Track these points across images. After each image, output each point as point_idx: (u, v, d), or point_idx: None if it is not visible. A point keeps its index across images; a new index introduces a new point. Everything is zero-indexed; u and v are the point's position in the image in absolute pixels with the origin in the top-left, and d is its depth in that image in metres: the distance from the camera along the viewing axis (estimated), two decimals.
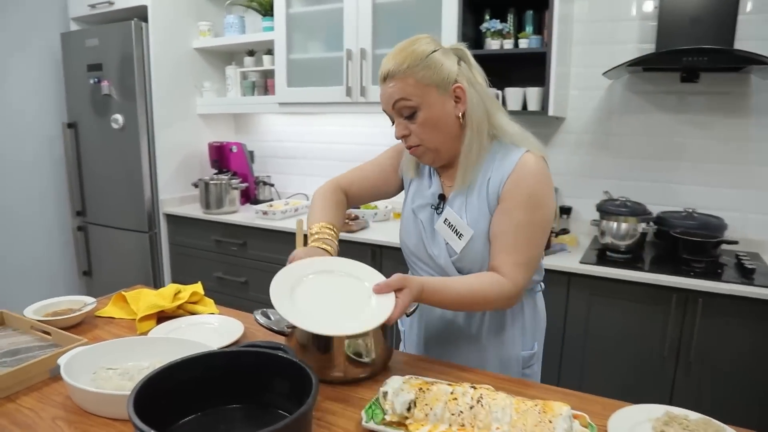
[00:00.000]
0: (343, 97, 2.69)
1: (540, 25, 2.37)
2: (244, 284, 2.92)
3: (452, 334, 1.32)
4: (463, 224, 1.21)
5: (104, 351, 1.09)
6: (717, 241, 2.05)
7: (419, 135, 1.17)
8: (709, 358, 1.93)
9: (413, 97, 1.14)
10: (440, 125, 1.17)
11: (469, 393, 0.92)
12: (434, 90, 1.14)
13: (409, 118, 1.17)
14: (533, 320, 1.32)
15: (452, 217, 1.23)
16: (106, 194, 3.27)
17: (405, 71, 1.13)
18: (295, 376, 0.87)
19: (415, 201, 1.33)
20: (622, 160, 2.52)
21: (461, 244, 1.21)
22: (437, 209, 1.28)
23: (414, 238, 1.32)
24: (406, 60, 1.13)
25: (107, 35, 3.03)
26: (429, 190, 1.30)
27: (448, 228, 1.24)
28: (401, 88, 1.14)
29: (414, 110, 1.15)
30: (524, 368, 1.31)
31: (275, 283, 1.09)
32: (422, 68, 1.13)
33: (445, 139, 1.19)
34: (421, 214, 1.31)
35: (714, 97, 2.32)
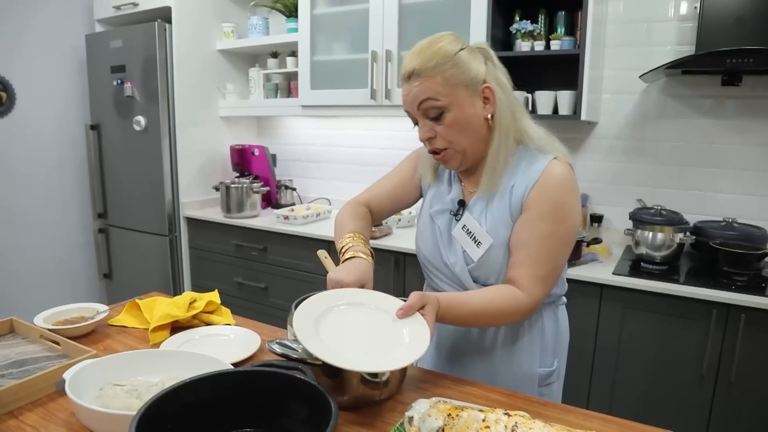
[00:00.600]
0: (368, 99, 2.63)
1: (572, 26, 2.28)
2: (264, 290, 2.87)
3: (464, 347, 1.26)
4: (482, 231, 1.16)
5: (112, 365, 1.03)
6: (762, 253, 1.93)
7: (446, 137, 1.11)
8: (751, 378, 1.81)
9: (441, 97, 1.08)
10: (469, 127, 1.12)
11: (503, 421, 0.84)
12: (463, 90, 1.09)
13: (436, 120, 1.11)
14: (554, 335, 1.25)
15: (471, 223, 1.18)
16: (128, 197, 3.26)
17: (432, 69, 1.07)
18: (313, 401, 0.81)
19: (433, 206, 1.28)
20: (657, 167, 2.41)
21: (479, 253, 1.16)
22: (456, 215, 1.23)
23: (430, 244, 1.27)
24: (433, 58, 1.07)
25: (131, 36, 3.02)
26: (448, 196, 1.25)
27: (466, 235, 1.19)
28: (428, 87, 1.08)
29: (441, 111, 1.09)
30: (540, 386, 1.23)
31: (299, 316, 1.01)
32: (450, 66, 1.08)
33: (472, 141, 1.14)
34: (438, 219, 1.25)
35: (756, 101, 2.20)
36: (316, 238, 2.64)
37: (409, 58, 1.10)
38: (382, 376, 1.00)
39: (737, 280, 1.91)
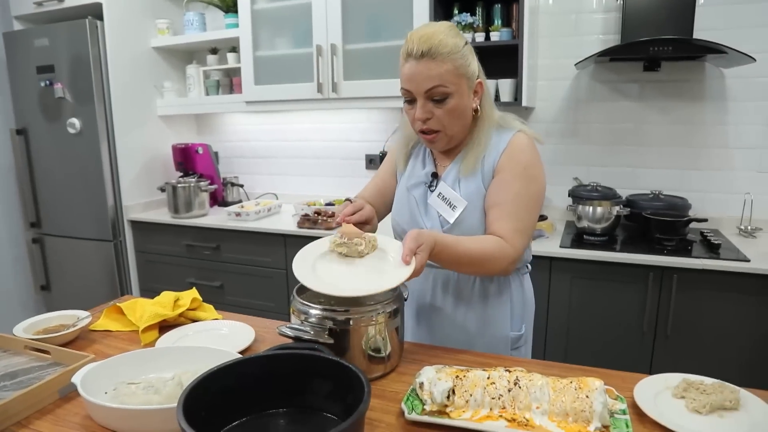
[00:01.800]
0: (315, 93, 2.66)
1: (508, 17, 2.42)
2: (220, 288, 2.86)
3: (440, 313, 1.35)
4: (456, 196, 1.27)
5: (120, 365, 1.05)
6: (687, 219, 2.17)
7: (443, 120, 1.20)
8: (684, 332, 2.04)
9: (449, 84, 1.16)
10: (462, 115, 1.23)
11: (505, 376, 0.94)
12: (465, 81, 1.19)
13: (438, 102, 1.19)
14: (521, 301, 1.37)
15: (446, 190, 1.28)
16: (64, 203, 3.12)
17: (446, 55, 1.15)
18: (336, 376, 0.86)
19: (409, 180, 1.37)
20: (590, 147, 2.61)
21: (455, 215, 1.26)
22: (430, 186, 1.33)
23: (407, 214, 1.35)
24: (446, 45, 1.15)
25: (58, 35, 2.88)
26: (423, 170, 1.36)
27: (442, 201, 1.29)
28: (441, 74, 1.15)
29: (446, 96, 1.18)
30: (512, 349, 1.35)
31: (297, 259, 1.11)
32: (461, 57, 1.17)
33: (461, 127, 1.25)
34: (414, 191, 1.35)
35: (674, 84, 2.44)
36: (270, 233, 2.66)
37: (421, 37, 1.15)
38: (385, 351, 1.08)
39: (667, 245, 2.13)
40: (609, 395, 0.96)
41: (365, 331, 1.05)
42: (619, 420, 0.90)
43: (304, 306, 1.07)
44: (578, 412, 0.88)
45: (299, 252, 1.14)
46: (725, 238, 2.25)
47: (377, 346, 1.07)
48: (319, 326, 1.03)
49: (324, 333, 1.02)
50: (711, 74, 2.39)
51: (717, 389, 0.99)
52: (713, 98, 2.40)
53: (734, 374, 1.96)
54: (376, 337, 1.06)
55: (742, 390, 0.99)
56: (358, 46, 2.56)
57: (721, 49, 2.01)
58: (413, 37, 1.16)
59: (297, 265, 1.08)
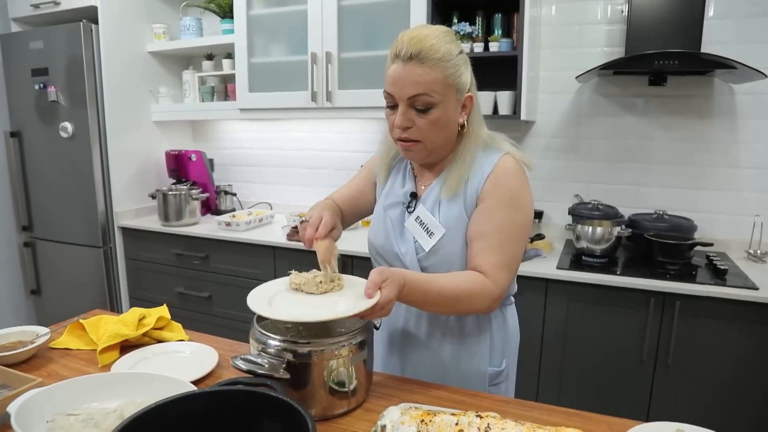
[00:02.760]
0: (309, 102, 2.60)
1: (508, 28, 2.35)
2: (208, 299, 2.79)
3: (414, 345, 1.26)
4: (435, 222, 1.17)
5: (63, 393, 0.97)
6: (692, 243, 2.06)
7: (424, 131, 1.11)
8: (687, 360, 1.93)
9: (435, 94, 1.07)
10: (446, 128, 1.13)
11: (476, 423, 0.85)
12: (453, 92, 1.10)
13: (420, 112, 1.09)
14: (502, 335, 1.26)
15: (424, 214, 1.19)
16: (56, 207, 3.07)
17: (437, 61, 1.05)
18: (286, 418, 0.78)
19: (387, 199, 1.28)
20: (592, 163, 2.52)
21: (431, 243, 1.17)
22: (408, 207, 1.24)
23: (382, 236, 1.26)
24: (438, 50, 1.05)
25: (53, 37, 2.84)
26: (402, 189, 1.27)
27: (419, 225, 1.19)
28: (428, 83, 1.06)
29: (431, 106, 1.08)
30: (490, 386, 1.24)
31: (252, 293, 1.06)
32: (452, 66, 1.07)
33: (444, 141, 1.16)
34: (391, 211, 1.26)
35: (680, 100, 2.34)
36: (259, 244, 2.59)
37: (412, 39, 1.06)
38: (350, 385, 1.00)
39: (670, 269, 2.03)
40: None
41: (327, 364, 0.96)
42: None
43: (263, 336, 0.99)
44: None
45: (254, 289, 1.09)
46: (733, 263, 2.14)
47: (341, 380, 0.98)
48: (277, 358, 0.95)
49: (281, 366, 0.94)
50: (720, 90, 2.29)
51: None
52: (722, 115, 2.30)
53: (737, 409, 1.86)
54: (339, 370, 0.97)
55: None
56: (354, 55, 2.49)
57: (731, 63, 1.91)
58: (404, 38, 1.07)
59: (251, 296, 1.03)
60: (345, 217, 1.36)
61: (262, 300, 1.02)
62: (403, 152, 1.19)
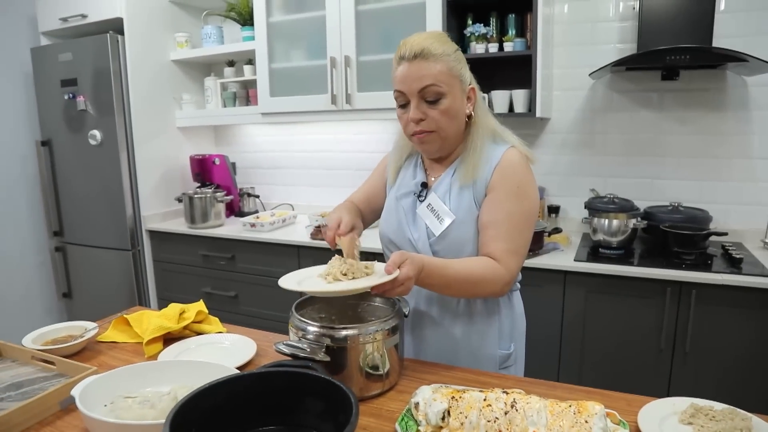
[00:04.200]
0: (328, 105, 2.67)
1: (522, 27, 2.40)
2: (234, 298, 2.88)
3: (425, 326, 1.32)
4: (445, 209, 1.25)
5: (119, 378, 1.05)
6: (707, 233, 2.10)
7: (438, 121, 1.19)
8: (704, 348, 1.97)
9: (443, 84, 1.16)
10: (457, 117, 1.22)
11: (502, 398, 0.92)
12: (458, 83, 1.20)
13: (432, 103, 1.18)
14: (510, 320, 1.33)
15: (435, 202, 1.27)
16: (85, 213, 3.18)
17: (439, 56, 1.16)
18: (328, 395, 0.85)
19: (399, 190, 1.36)
20: (607, 158, 2.56)
21: (441, 228, 1.24)
22: (419, 196, 1.31)
23: (394, 224, 1.34)
24: (441, 45, 1.17)
25: (81, 49, 2.96)
26: (413, 180, 1.35)
27: (430, 212, 1.27)
28: (436, 74, 1.15)
29: (440, 96, 1.17)
30: (500, 369, 1.30)
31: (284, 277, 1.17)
32: (454, 59, 1.19)
33: (456, 131, 1.24)
34: (403, 201, 1.34)
35: (693, 93, 2.38)
36: (284, 244, 2.67)
37: (415, 40, 1.16)
38: (384, 368, 1.07)
39: (686, 259, 2.07)
40: (611, 419, 0.93)
41: (363, 348, 1.03)
42: None
43: (302, 323, 1.06)
44: None
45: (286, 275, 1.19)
46: (748, 252, 2.17)
47: (375, 363, 1.05)
48: (316, 343, 1.02)
49: (321, 350, 1.01)
50: (733, 83, 2.33)
51: (727, 416, 0.95)
52: (735, 107, 2.33)
53: (753, 395, 1.90)
54: (374, 354, 1.05)
55: (754, 417, 0.94)
56: (372, 58, 2.56)
57: (742, 57, 1.95)
58: (405, 43, 1.18)
59: (283, 279, 1.14)
60: (364, 216, 1.43)
61: (291, 281, 1.13)
62: (418, 146, 1.28)
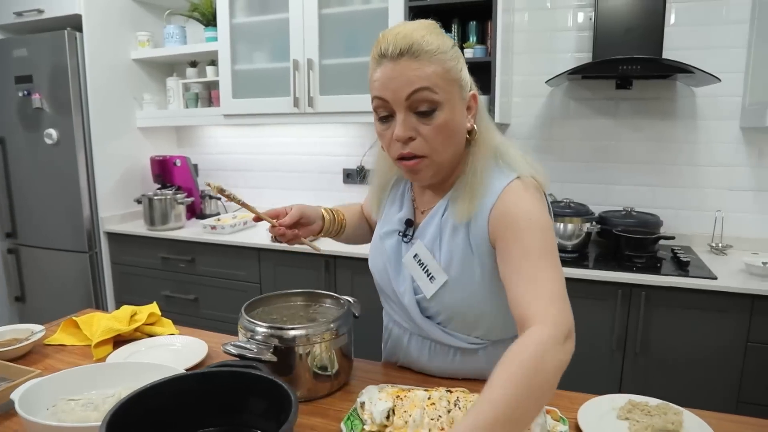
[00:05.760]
0: (291, 107, 2.67)
1: (483, 35, 2.45)
2: (194, 302, 2.84)
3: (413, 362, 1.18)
4: (436, 266, 1.01)
5: (62, 381, 1.03)
6: (655, 237, 2.18)
7: (431, 141, 0.92)
8: (653, 348, 2.03)
9: (440, 90, 0.89)
10: (455, 134, 0.94)
11: (446, 397, 0.94)
12: (458, 89, 0.92)
13: (424, 116, 0.91)
14: None
15: (423, 253, 1.03)
16: (40, 214, 3.10)
17: (433, 53, 0.88)
18: (271, 394, 0.85)
19: (383, 227, 1.15)
20: (565, 164, 2.63)
21: (432, 289, 1.01)
22: (404, 236, 1.09)
23: (379, 267, 1.14)
24: (432, 42, 0.88)
25: (37, 45, 2.88)
26: (397, 215, 1.11)
27: (418, 265, 1.04)
28: (428, 75, 0.88)
29: (435, 107, 0.90)
30: None
31: None
32: (450, 58, 0.91)
33: (454, 152, 0.96)
34: (387, 240, 1.12)
35: (646, 102, 2.46)
36: (245, 246, 2.65)
37: (396, 35, 0.89)
38: (332, 369, 1.08)
39: (637, 262, 2.14)
40: (552, 416, 0.96)
41: (311, 349, 1.04)
42: None
43: (251, 323, 1.06)
44: None
45: None
46: (696, 256, 2.26)
47: (323, 364, 1.06)
48: (264, 344, 1.03)
49: (268, 351, 1.01)
50: (682, 93, 2.42)
51: (661, 410, 0.99)
52: (684, 116, 2.42)
53: (700, 392, 1.97)
54: (322, 355, 1.05)
55: (685, 411, 0.99)
56: (335, 61, 2.57)
57: (689, 68, 2.03)
58: (387, 36, 0.90)
59: None
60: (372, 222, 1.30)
61: None
62: (407, 174, 0.99)
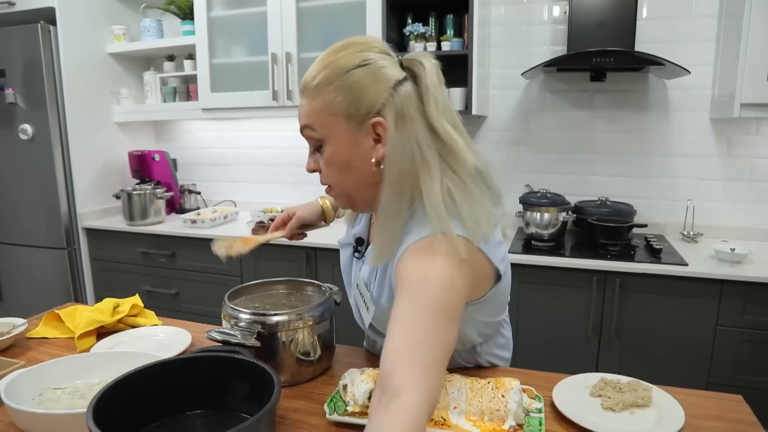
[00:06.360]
0: (270, 101, 2.68)
1: (460, 28, 2.48)
2: (175, 296, 2.84)
3: None
4: (368, 297, 1.03)
5: (48, 372, 1.04)
6: (629, 225, 2.24)
7: (327, 175, 0.94)
8: (628, 333, 2.10)
9: (317, 128, 0.90)
10: (350, 168, 0.91)
11: None
12: (343, 121, 0.87)
13: (318, 151, 0.93)
14: None
15: (361, 284, 1.06)
16: (16, 210, 3.05)
17: (315, 89, 0.88)
18: (253, 378, 0.88)
19: (344, 236, 1.18)
20: (541, 155, 2.68)
21: (368, 318, 1.05)
22: (356, 251, 1.11)
23: (345, 272, 1.18)
24: (320, 73, 0.88)
25: (9, 39, 2.83)
26: (353, 229, 1.13)
27: (359, 294, 1.08)
28: (307, 113, 0.90)
29: (320, 143, 0.91)
30: None
31: None
32: (334, 89, 0.86)
33: (358, 185, 0.93)
34: (343, 250, 1.16)
35: (619, 94, 2.52)
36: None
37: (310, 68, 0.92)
38: (315, 355, 1.10)
39: (612, 250, 2.20)
40: (528, 395, 1.00)
41: (294, 334, 1.06)
42: (534, 418, 0.94)
43: (235, 311, 1.08)
44: (493, 411, 0.91)
45: None
46: (668, 243, 2.33)
47: (306, 349, 1.09)
48: (247, 330, 1.05)
49: (252, 337, 1.03)
50: (654, 85, 2.48)
51: (631, 387, 1.03)
52: (656, 108, 2.49)
53: (674, 374, 2.04)
54: (304, 340, 1.08)
55: (655, 387, 1.04)
56: (313, 55, 2.56)
57: (659, 61, 2.09)
58: None
59: None
60: None
61: None
62: None
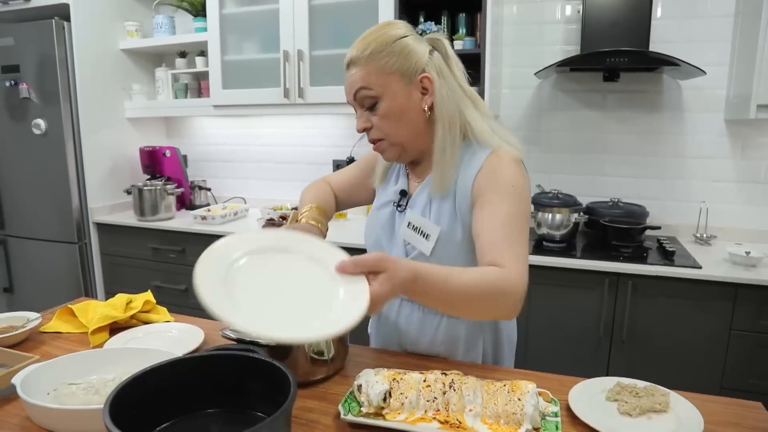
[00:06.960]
0: (281, 98, 2.68)
1: (472, 27, 2.47)
2: (184, 292, 2.84)
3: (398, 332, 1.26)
4: (428, 223, 1.13)
5: (62, 366, 1.04)
6: (642, 227, 2.22)
7: (381, 128, 1.10)
8: (639, 335, 2.08)
9: (374, 86, 1.06)
10: (404, 117, 1.09)
11: (441, 379, 0.96)
12: (398, 78, 1.06)
13: (371, 110, 1.09)
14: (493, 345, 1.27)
15: (415, 218, 1.16)
16: (29, 205, 3.08)
17: (367, 58, 1.05)
18: (269, 377, 0.87)
19: (379, 199, 1.28)
20: (553, 155, 2.67)
21: (429, 245, 1.13)
22: (398, 206, 1.22)
23: (372, 239, 1.25)
24: (369, 45, 1.06)
25: (24, 34, 2.85)
26: (393, 187, 1.25)
27: (413, 231, 1.16)
28: (362, 77, 1.06)
29: (375, 100, 1.07)
30: None
31: (203, 269, 0.84)
32: (386, 55, 1.05)
33: (409, 132, 1.11)
34: (382, 211, 1.24)
35: (633, 95, 2.50)
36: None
37: (352, 46, 1.08)
38: (329, 354, 1.10)
39: (624, 252, 2.18)
40: (543, 398, 0.99)
41: None
42: (550, 422, 0.93)
43: None
44: (509, 414, 0.91)
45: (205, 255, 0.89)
46: (681, 246, 2.31)
47: (320, 349, 1.08)
48: None
49: None
50: (668, 86, 2.46)
51: (649, 392, 1.02)
52: (670, 109, 2.47)
53: (687, 378, 2.03)
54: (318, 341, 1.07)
55: (672, 393, 1.03)
56: (325, 52, 2.58)
57: (674, 61, 2.07)
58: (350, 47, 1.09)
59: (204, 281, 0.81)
60: (338, 203, 1.37)
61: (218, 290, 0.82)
62: (381, 155, 1.17)
